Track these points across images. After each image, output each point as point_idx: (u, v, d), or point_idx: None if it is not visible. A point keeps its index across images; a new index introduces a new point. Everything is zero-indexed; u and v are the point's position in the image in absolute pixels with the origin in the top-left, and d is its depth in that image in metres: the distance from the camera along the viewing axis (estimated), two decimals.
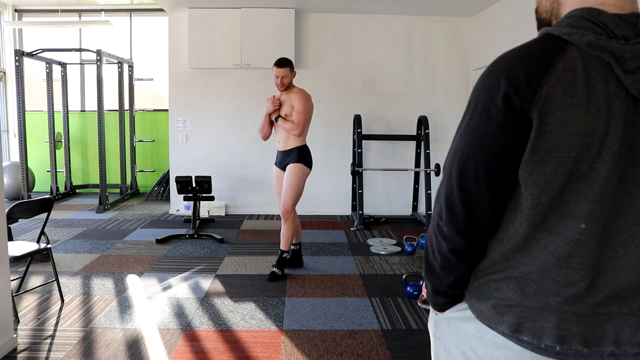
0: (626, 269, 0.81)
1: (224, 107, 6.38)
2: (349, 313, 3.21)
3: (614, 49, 0.76)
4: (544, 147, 0.78)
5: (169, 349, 2.71)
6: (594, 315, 0.81)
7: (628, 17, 0.78)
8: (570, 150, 0.77)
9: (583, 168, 0.77)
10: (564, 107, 0.76)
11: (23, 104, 6.70)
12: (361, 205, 5.73)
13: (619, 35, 0.77)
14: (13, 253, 2.99)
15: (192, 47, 6.01)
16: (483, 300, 0.89)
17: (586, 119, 0.76)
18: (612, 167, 0.76)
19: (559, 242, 0.81)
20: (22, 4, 7.68)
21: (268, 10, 5.93)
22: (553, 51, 0.78)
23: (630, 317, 0.81)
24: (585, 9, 0.80)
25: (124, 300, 3.41)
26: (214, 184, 5.81)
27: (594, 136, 0.76)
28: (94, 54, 6.69)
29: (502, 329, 0.85)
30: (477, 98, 0.83)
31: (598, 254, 0.80)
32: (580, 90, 0.76)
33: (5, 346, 2.60)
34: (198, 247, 4.80)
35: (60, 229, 5.44)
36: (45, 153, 7.46)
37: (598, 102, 0.76)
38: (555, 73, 0.76)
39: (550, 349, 0.81)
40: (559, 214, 0.80)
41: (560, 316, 0.82)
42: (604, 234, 0.80)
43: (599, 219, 0.79)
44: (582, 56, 0.77)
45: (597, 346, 0.81)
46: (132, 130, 7.62)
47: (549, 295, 0.82)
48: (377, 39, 6.31)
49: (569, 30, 0.78)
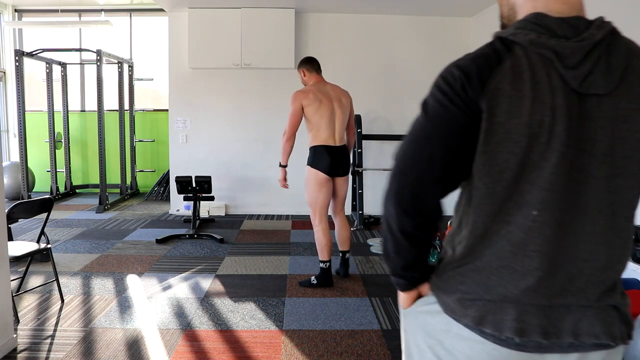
0: (580, 258, 0.84)
1: (224, 107, 6.38)
2: (349, 313, 3.21)
3: (554, 46, 0.81)
4: (494, 137, 0.82)
5: (169, 349, 2.71)
6: (553, 307, 0.84)
7: (570, 19, 0.84)
8: (520, 140, 0.80)
9: (534, 157, 0.81)
10: (512, 99, 0.80)
11: (23, 104, 6.70)
12: (361, 205, 5.73)
13: (560, 35, 0.82)
14: (13, 253, 2.99)
15: (192, 47, 6.01)
16: (449, 293, 0.92)
17: (533, 110, 0.80)
18: (561, 156, 0.80)
19: (514, 229, 0.84)
20: (22, 4, 7.68)
21: (268, 10, 5.92)
22: (502, 50, 0.84)
23: (588, 309, 0.84)
24: (532, 14, 0.86)
25: (124, 300, 3.41)
26: (214, 184, 5.81)
27: (541, 126, 0.80)
28: (94, 54, 6.69)
29: (467, 322, 0.88)
30: (436, 88, 0.88)
31: (553, 243, 0.83)
32: (526, 84, 0.80)
33: (5, 346, 2.60)
34: (198, 247, 4.80)
35: (60, 229, 5.44)
36: (45, 153, 7.46)
37: (543, 94, 0.80)
38: (503, 69, 0.81)
39: (510, 340, 0.84)
40: (515, 203, 0.83)
41: (520, 309, 0.84)
42: (559, 223, 0.82)
43: (552, 207, 0.82)
44: (526, 53, 0.82)
45: (556, 338, 0.84)
46: (132, 130, 7.62)
47: (508, 286, 0.85)
48: (377, 39, 6.31)
49: (514, 31, 0.85)
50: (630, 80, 0.82)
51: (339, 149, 3.61)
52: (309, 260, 4.36)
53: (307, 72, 3.70)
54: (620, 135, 0.82)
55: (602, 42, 0.82)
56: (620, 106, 0.82)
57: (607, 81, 0.81)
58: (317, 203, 3.60)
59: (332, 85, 3.71)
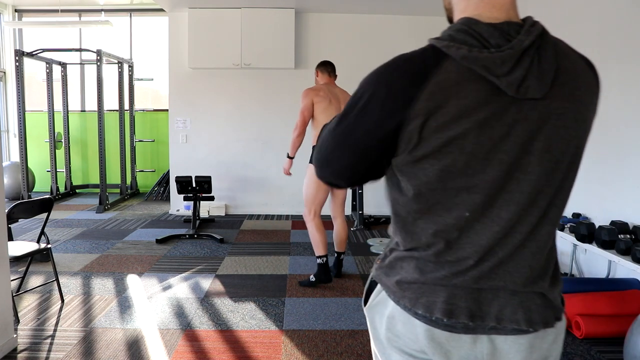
0: (512, 245, 0.89)
1: (224, 107, 6.38)
2: (349, 313, 3.21)
3: (484, 60, 0.83)
4: (419, 152, 0.87)
5: (169, 349, 2.71)
6: (481, 290, 0.90)
7: (501, 25, 0.86)
8: (445, 152, 0.85)
9: (459, 166, 0.85)
10: (436, 117, 0.84)
11: (23, 104, 6.70)
12: (361, 205, 5.73)
13: (493, 44, 0.85)
14: (13, 253, 2.99)
15: (192, 47, 6.01)
16: (390, 276, 0.99)
17: (457, 126, 0.84)
18: (496, 161, 0.85)
19: (448, 229, 0.89)
20: (22, 4, 7.68)
21: (268, 10, 5.93)
22: (431, 64, 0.86)
23: (515, 297, 0.90)
24: (464, 19, 0.88)
25: (124, 300, 3.41)
26: (214, 184, 5.81)
27: (465, 137, 0.84)
28: (94, 54, 6.69)
29: (404, 303, 0.94)
30: (364, 92, 0.91)
31: (486, 237, 0.88)
32: (452, 101, 0.84)
33: (5, 346, 2.60)
34: (198, 247, 4.81)
35: (60, 229, 5.44)
36: (45, 153, 7.46)
37: (469, 110, 0.84)
38: (429, 87, 0.84)
39: (439, 321, 0.91)
40: (443, 206, 0.89)
41: (450, 292, 0.90)
42: (492, 219, 0.88)
43: (483, 207, 0.87)
44: (457, 69, 0.85)
45: (481, 320, 0.90)
46: (132, 130, 7.62)
47: (442, 271, 0.91)
48: (377, 38, 6.30)
49: (448, 43, 0.86)
50: (561, 80, 0.87)
51: None
52: (309, 260, 4.36)
53: (320, 72, 3.88)
54: (556, 132, 0.87)
55: (532, 47, 0.85)
56: (553, 105, 0.86)
57: (542, 85, 0.85)
58: (313, 201, 3.66)
59: (341, 90, 3.84)
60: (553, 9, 4.20)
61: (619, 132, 3.40)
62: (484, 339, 0.92)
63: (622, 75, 3.38)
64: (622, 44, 3.39)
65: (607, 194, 3.53)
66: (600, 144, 3.60)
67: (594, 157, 3.67)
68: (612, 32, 3.50)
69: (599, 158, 3.61)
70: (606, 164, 3.53)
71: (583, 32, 3.79)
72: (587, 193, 3.75)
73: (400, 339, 0.98)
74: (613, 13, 3.50)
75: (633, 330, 2.43)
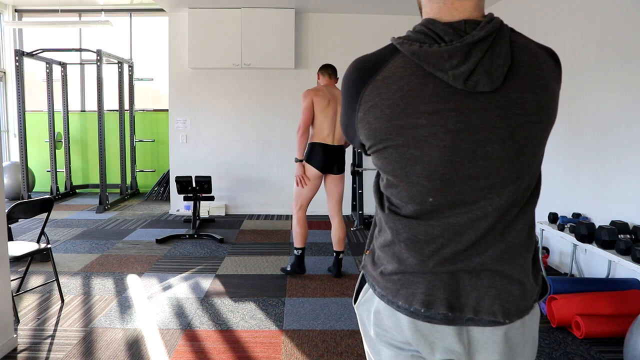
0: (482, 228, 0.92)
1: (224, 107, 6.38)
2: (349, 313, 3.21)
3: (432, 55, 0.88)
4: (374, 139, 0.94)
5: (169, 349, 2.71)
6: (459, 280, 0.94)
7: (457, 23, 0.91)
8: (398, 140, 0.91)
9: (417, 153, 0.91)
10: (380, 108, 0.92)
11: (23, 104, 6.70)
12: (361, 205, 5.73)
13: (446, 41, 0.89)
14: (13, 253, 2.99)
15: (192, 47, 6.01)
16: (375, 267, 1.03)
17: (404, 115, 0.90)
18: (447, 150, 0.89)
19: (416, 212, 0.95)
20: (22, 4, 7.68)
21: (268, 10, 5.93)
22: (384, 59, 0.94)
23: (491, 290, 0.93)
24: (425, 20, 0.95)
25: (124, 300, 3.41)
26: (214, 184, 5.81)
27: (417, 127, 0.89)
28: (94, 54, 6.69)
29: (387, 296, 0.99)
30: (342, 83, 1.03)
31: (453, 220, 0.92)
32: (395, 94, 0.90)
33: (5, 346, 2.61)
34: (198, 247, 4.81)
35: (60, 229, 5.44)
36: (45, 153, 7.46)
37: (415, 101, 0.89)
38: (374, 81, 0.93)
39: (419, 312, 0.94)
40: (408, 192, 0.94)
41: (429, 284, 0.94)
42: (458, 203, 0.92)
43: (444, 191, 0.92)
44: (404, 64, 0.91)
45: (460, 312, 0.93)
46: (132, 130, 7.62)
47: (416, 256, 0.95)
48: (377, 39, 6.27)
49: (402, 41, 0.93)
50: (520, 72, 0.90)
51: (335, 148, 3.81)
52: (308, 260, 4.36)
53: (321, 75, 3.98)
54: (518, 120, 0.90)
55: (484, 41, 0.88)
56: (513, 96, 0.90)
57: (492, 80, 0.88)
58: (300, 195, 3.86)
59: (337, 90, 3.89)
60: (553, 10, 4.19)
61: (619, 132, 3.40)
62: (463, 330, 0.95)
63: (622, 75, 3.38)
64: (622, 44, 3.39)
65: (607, 194, 3.53)
66: (600, 144, 3.60)
67: (594, 157, 3.67)
68: (612, 32, 3.50)
69: (599, 158, 3.61)
70: (606, 164, 3.53)
71: (583, 33, 3.79)
72: (587, 193, 3.75)
73: (387, 332, 1.01)
74: (613, 13, 3.50)
75: (633, 330, 2.43)
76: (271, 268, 4.16)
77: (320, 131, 3.76)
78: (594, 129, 3.66)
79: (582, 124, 3.80)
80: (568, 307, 2.93)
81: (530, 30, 4.34)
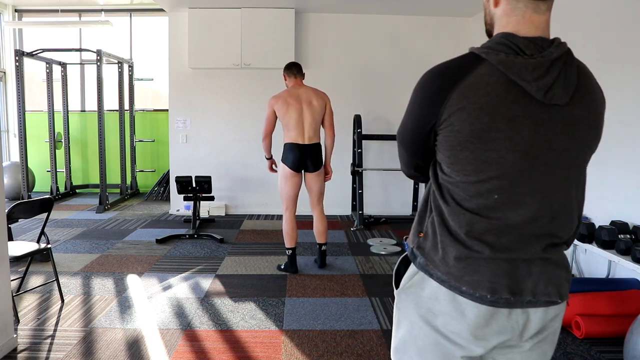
0: (537, 225, 1.03)
1: (224, 107, 6.38)
2: (349, 313, 3.21)
3: (518, 65, 0.97)
4: (454, 141, 1.01)
5: (169, 349, 2.71)
6: (517, 268, 1.04)
7: (535, 39, 1.01)
8: (477, 143, 0.99)
9: (492, 155, 1.00)
10: (467, 111, 0.98)
11: (23, 104, 6.70)
12: (361, 205, 5.73)
13: (527, 54, 0.99)
14: (13, 253, 2.99)
15: (192, 47, 6.01)
16: (436, 252, 1.09)
17: (487, 119, 0.98)
18: (522, 153, 0.99)
19: (480, 207, 1.04)
20: (22, 4, 7.68)
21: (268, 10, 5.93)
22: (468, 66, 1.01)
23: (544, 274, 1.05)
24: (503, 34, 1.03)
25: (124, 300, 3.41)
26: (214, 184, 5.81)
27: (497, 131, 0.98)
28: (94, 54, 6.69)
29: (449, 281, 1.06)
30: (416, 91, 1.09)
31: (514, 216, 1.02)
32: (482, 98, 0.98)
33: (5, 346, 2.60)
34: (198, 247, 4.81)
35: (60, 229, 5.44)
36: (45, 153, 7.46)
37: (499, 107, 0.98)
38: (462, 87, 0.99)
39: (484, 297, 1.03)
40: (477, 189, 1.03)
41: (493, 272, 1.03)
42: (515, 200, 1.02)
43: (509, 190, 1.01)
44: (491, 72, 0.99)
45: (520, 296, 1.04)
46: (132, 130, 7.62)
47: (480, 247, 1.03)
48: (377, 38, 6.31)
49: (487, 50, 1.01)
50: (582, 93, 1.02)
51: (307, 146, 3.93)
52: (309, 260, 4.36)
53: (287, 76, 4.03)
54: (576, 135, 1.03)
55: (560, 60, 0.99)
56: (575, 112, 1.01)
57: (565, 94, 0.99)
58: (282, 194, 3.99)
59: (306, 88, 3.98)
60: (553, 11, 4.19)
61: (619, 132, 3.40)
62: (519, 312, 1.06)
63: (622, 75, 3.38)
64: (622, 44, 3.39)
65: (607, 194, 3.53)
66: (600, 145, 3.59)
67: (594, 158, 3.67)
68: (612, 32, 3.50)
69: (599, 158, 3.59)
70: (606, 164, 3.53)
71: (583, 33, 3.79)
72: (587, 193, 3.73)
73: (439, 317, 1.08)
74: (613, 14, 3.50)
75: (633, 330, 2.43)
76: (271, 268, 4.16)
77: (288, 133, 3.92)
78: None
79: None
80: (568, 307, 2.93)
81: None
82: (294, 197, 3.99)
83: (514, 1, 1.03)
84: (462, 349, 1.07)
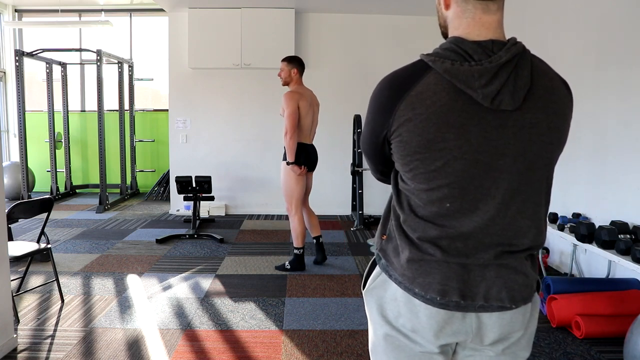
0: (492, 233, 1.02)
1: (224, 107, 6.38)
2: (349, 313, 3.21)
3: (464, 72, 0.96)
4: (404, 152, 1.02)
5: (169, 349, 2.71)
6: (470, 271, 1.03)
7: (485, 43, 0.99)
8: (426, 153, 0.99)
9: (440, 164, 0.99)
10: (414, 122, 0.98)
11: (23, 104, 6.70)
12: (361, 205, 5.73)
13: (475, 59, 0.97)
14: (13, 253, 2.99)
15: (192, 47, 6.01)
16: (396, 254, 1.10)
17: (434, 129, 0.97)
18: (467, 162, 0.98)
19: (433, 215, 1.04)
20: (22, 4, 7.68)
21: (268, 10, 5.93)
22: (416, 76, 1.01)
23: (499, 279, 1.03)
24: (453, 38, 1.02)
25: (124, 300, 3.41)
26: (214, 184, 5.81)
27: (445, 141, 0.97)
28: (94, 54, 6.69)
29: (405, 282, 1.07)
30: (370, 100, 1.09)
31: (467, 224, 1.01)
32: (429, 109, 0.97)
33: (5, 346, 2.60)
34: (198, 247, 4.81)
35: (60, 229, 5.44)
36: (45, 153, 7.46)
37: (446, 116, 0.97)
38: (408, 97, 0.99)
39: (434, 299, 1.03)
40: (429, 197, 1.02)
41: (444, 274, 1.03)
42: (470, 210, 1.01)
43: (461, 198, 1.01)
44: (437, 81, 0.98)
45: (472, 300, 1.03)
46: (132, 130, 7.62)
47: (432, 252, 1.03)
48: (377, 38, 6.31)
49: (434, 58, 1.00)
50: (537, 95, 0.99)
51: (313, 147, 4.06)
52: (308, 260, 4.36)
53: (299, 73, 3.98)
54: (532, 138, 1.00)
55: (510, 63, 0.97)
56: (527, 116, 0.99)
57: (514, 100, 0.97)
58: (294, 195, 3.96)
59: (309, 90, 4.06)
60: (552, 14, 4.19)
61: (619, 132, 3.40)
62: (472, 316, 1.05)
63: (621, 76, 3.38)
64: (621, 46, 3.39)
65: (607, 194, 3.53)
66: (600, 145, 3.60)
67: (594, 158, 3.67)
68: (611, 34, 3.50)
69: (599, 158, 3.61)
70: (606, 164, 3.53)
71: (583, 36, 3.79)
72: (587, 193, 3.75)
73: (401, 317, 1.09)
74: (612, 16, 3.50)
75: (633, 330, 2.43)
76: (271, 268, 4.16)
77: (301, 133, 3.90)
78: (593, 130, 3.66)
79: (582, 124, 3.80)
80: (568, 307, 2.93)
81: (530, 35, 4.35)
82: (302, 196, 4.03)
83: (464, 3, 1.02)
84: (422, 347, 1.09)
